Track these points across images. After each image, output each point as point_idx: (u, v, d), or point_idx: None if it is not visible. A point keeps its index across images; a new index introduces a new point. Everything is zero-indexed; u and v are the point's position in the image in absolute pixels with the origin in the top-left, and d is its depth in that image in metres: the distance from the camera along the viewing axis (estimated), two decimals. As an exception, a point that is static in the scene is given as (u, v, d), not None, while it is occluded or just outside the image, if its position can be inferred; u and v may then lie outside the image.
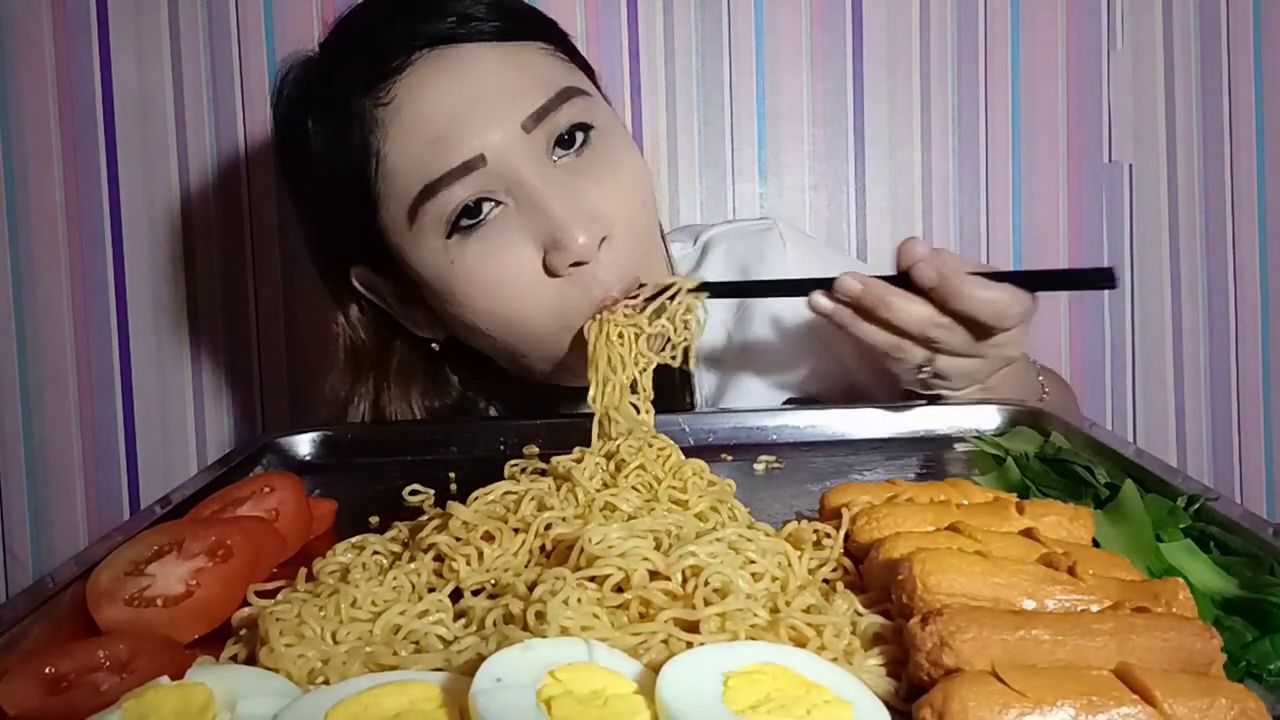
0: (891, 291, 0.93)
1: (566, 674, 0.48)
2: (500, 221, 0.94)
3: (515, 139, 0.93)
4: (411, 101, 0.94)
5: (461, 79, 0.94)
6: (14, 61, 1.56)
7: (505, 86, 0.94)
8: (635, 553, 0.60)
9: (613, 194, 0.97)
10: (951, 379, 0.98)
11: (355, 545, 0.71)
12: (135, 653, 0.56)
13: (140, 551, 0.66)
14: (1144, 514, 0.71)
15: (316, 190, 1.04)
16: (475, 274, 0.95)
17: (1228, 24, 1.64)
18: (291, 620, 0.57)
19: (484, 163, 0.92)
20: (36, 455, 1.62)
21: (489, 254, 0.95)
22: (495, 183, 0.93)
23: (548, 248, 0.93)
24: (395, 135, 0.94)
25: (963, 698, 0.46)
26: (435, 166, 0.93)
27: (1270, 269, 1.68)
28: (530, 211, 0.93)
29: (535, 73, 0.97)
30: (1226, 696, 0.47)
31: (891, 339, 0.95)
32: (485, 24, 0.96)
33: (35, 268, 1.59)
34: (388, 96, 0.94)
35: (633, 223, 0.98)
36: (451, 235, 0.95)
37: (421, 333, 1.09)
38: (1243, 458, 1.70)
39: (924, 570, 0.55)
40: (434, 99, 0.93)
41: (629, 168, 1.00)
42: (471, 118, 0.93)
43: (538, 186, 0.93)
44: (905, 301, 0.93)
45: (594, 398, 0.94)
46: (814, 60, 1.61)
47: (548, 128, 0.95)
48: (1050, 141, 1.63)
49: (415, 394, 1.13)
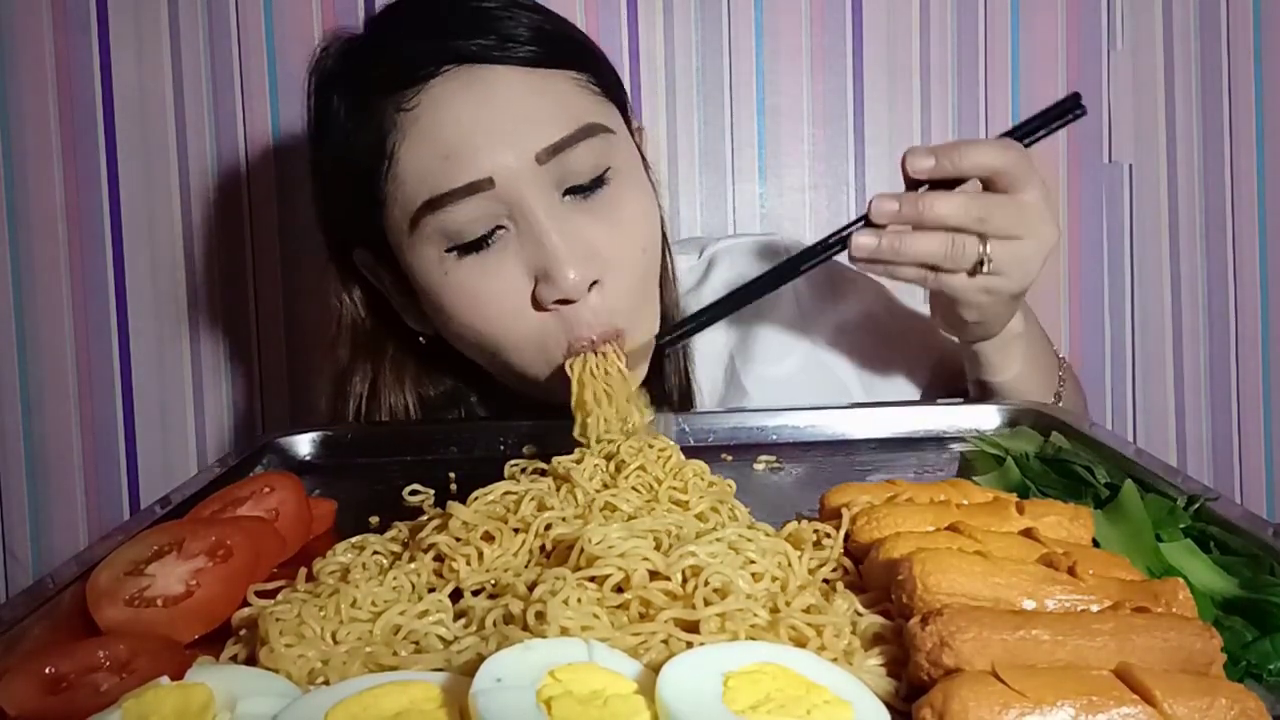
0: (924, 193, 0.94)
1: (566, 674, 0.48)
2: (500, 245, 0.95)
3: (527, 167, 0.93)
4: (431, 113, 0.94)
5: (484, 101, 0.94)
6: (14, 61, 1.56)
7: (526, 114, 0.94)
8: (635, 553, 0.60)
9: (614, 237, 0.97)
10: (1008, 272, 0.95)
11: (355, 545, 0.71)
12: (135, 653, 0.56)
13: (140, 551, 0.66)
14: (1144, 514, 0.71)
15: (329, 170, 1.06)
16: (465, 290, 0.96)
17: (1228, 24, 1.64)
18: (291, 620, 0.57)
19: (491, 185, 0.92)
20: (36, 455, 1.61)
21: (482, 274, 0.95)
22: (500, 207, 0.93)
23: (539, 278, 0.94)
24: (410, 143, 0.95)
25: (963, 698, 0.46)
26: (443, 181, 0.93)
27: (1270, 269, 1.68)
28: (529, 239, 0.94)
29: (560, 104, 0.96)
30: (1226, 696, 0.47)
31: (944, 240, 0.93)
32: (521, 48, 0.96)
33: (35, 268, 1.59)
34: (410, 103, 0.95)
35: (629, 269, 0.98)
36: (451, 250, 0.95)
37: (414, 324, 1.10)
38: (1243, 458, 1.70)
39: (924, 570, 0.55)
40: (453, 115, 0.94)
41: (636, 211, 1.00)
42: (487, 140, 0.93)
43: (540, 218, 0.93)
44: (940, 194, 0.93)
45: (577, 433, 0.93)
46: (814, 60, 1.61)
47: (562, 163, 0.94)
48: (1050, 141, 1.62)
49: (409, 380, 1.13)
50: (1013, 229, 0.93)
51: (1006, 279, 0.95)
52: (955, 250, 0.93)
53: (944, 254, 0.93)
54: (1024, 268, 0.96)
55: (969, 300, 0.97)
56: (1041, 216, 0.94)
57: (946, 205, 0.93)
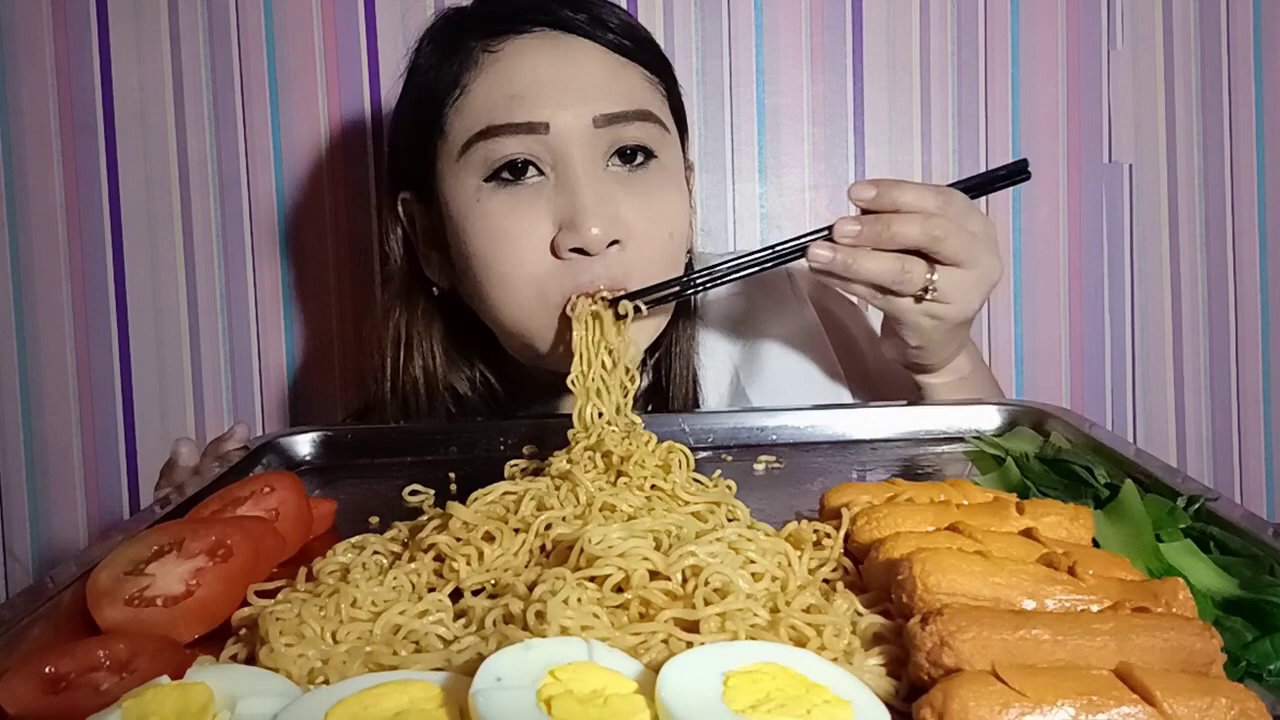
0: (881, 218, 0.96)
1: (566, 674, 0.48)
2: (535, 189, 1.01)
3: (582, 126, 1.00)
4: (512, 58, 1.03)
5: (563, 60, 1.03)
6: (14, 61, 1.56)
7: (596, 83, 1.02)
8: (635, 553, 0.60)
9: (643, 213, 1.02)
10: (951, 299, 0.98)
11: (355, 545, 0.71)
12: (135, 653, 0.56)
13: (140, 551, 0.66)
14: (1144, 514, 0.71)
15: (402, 104, 1.15)
16: (491, 220, 1.01)
17: (1228, 24, 1.64)
18: (291, 620, 0.57)
19: (545, 130, 0.99)
20: (36, 455, 1.61)
21: (511, 209, 1.01)
22: (547, 153, 1.00)
23: (563, 225, 0.99)
24: (484, 79, 1.03)
25: (963, 698, 0.46)
26: (503, 115, 1.00)
27: (1270, 269, 1.67)
28: (563, 189, 1.00)
29: (628, 87, 1.05)
30: (1226, 696, 0.47)
31: (894, 262, 0.96)
32: (608, 33, 1.05)
33: (35, 268, 1.59)
34: (496, 46, 1.04)
35: (652, 244, 1.03)
36: (489, 180, 1.01)
37: (431, 275, 1.15)
38: (1243, 458, 1.70)
39: (924, 570, 0.55)
40: (531, 64, 1.02)
41: (671, 201, 1.06)
42: (553, 93, 1.00)
43: (578, 172, 0.99)
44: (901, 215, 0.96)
45: (573, 380, 0.95)
46: (814, 60, 1.60)
47: (614, 133, 1.01)
48: (1050, 141, 1.63)
49: (437, 332, 1.17)
50: (960, 256, 0.97)
51: (948, 306, 0.99)
52: (904, 273, 0.96)
53: (891, 276, 0.97)
54: (966, 296, 0.99)
55: (911, 323, 1.01)
56: (986, 248, 0.99)
57: (905, 225, 0.95)
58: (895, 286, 0.97)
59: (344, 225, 1.59)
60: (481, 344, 1.17)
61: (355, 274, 1.60)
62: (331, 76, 1.57)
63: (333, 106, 1.58)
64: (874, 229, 0.96)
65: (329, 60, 1.57)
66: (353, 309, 1.60)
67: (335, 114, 1.58)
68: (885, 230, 0.96)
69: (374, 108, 1.58)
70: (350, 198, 1.59)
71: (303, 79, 1.57)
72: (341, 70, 1.57)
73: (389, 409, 1.16)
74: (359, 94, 1.58)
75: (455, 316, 1.16)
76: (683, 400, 1.18)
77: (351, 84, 1.57)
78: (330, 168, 1.58)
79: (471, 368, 1.19)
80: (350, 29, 1.57)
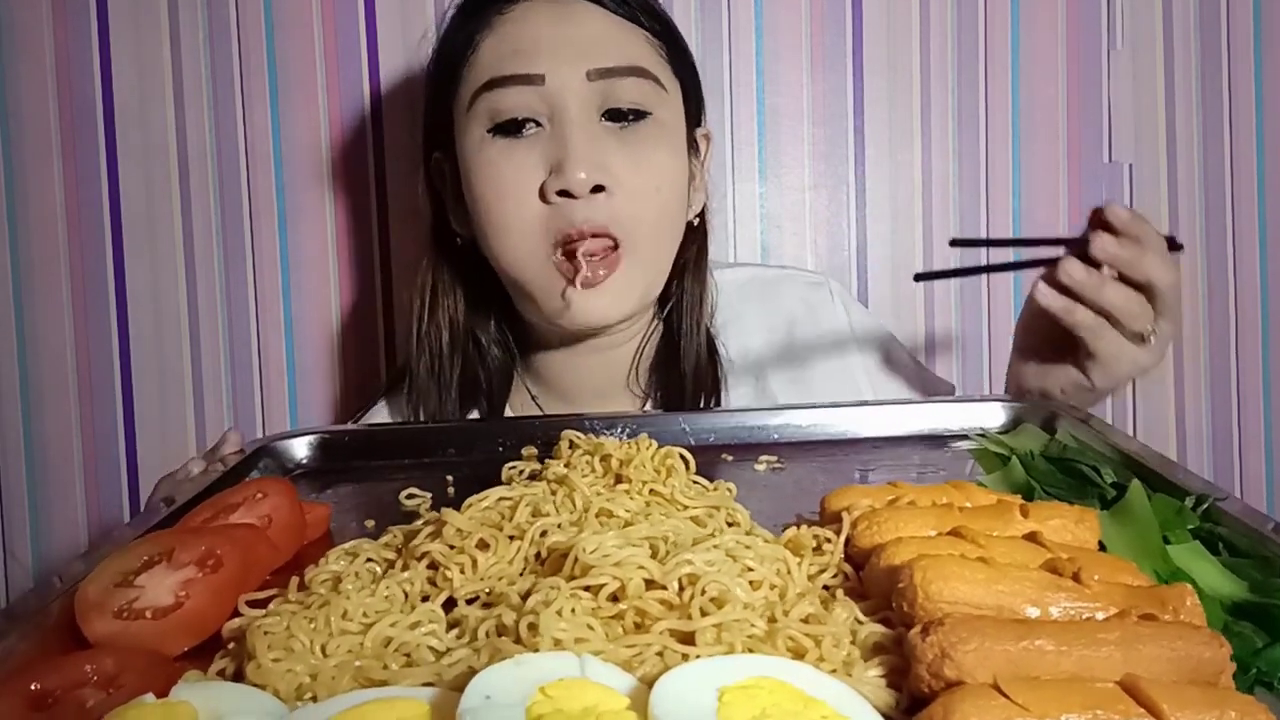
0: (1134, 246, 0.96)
1: (557, 690, 0.47)
2: (531, 138, 1.07)
3: (576, 79, 1.06)
4: (519, 19, 1.10)
5: (564, 20, 1.09)
6: (14, 61, 1.56)
7: (593, 39, 1.08)
8: (631, 561, 0.59)
9: (632, 166, 1.07)
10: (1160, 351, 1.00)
11: (349, 552, 0.70)
12: (122, 668, 0.55)
13: (129, 562, 0.65)
14: (1151, 515, 0.70)
15: (430, 66, 1.22)
16: (491, 168, 1.08)
17: (1228, 24, 1.63)
18: (280, 634, 0.56)
19: (541, 82, 1.06)
20: (36, 455, 1.61)
21: (508, 158, 1.07)
22: (543, 105, 1.06)
23: (552, 170, 1.05)
24: (493, 37, 1.10)
25: (964, 712, 0.45)
26: (504, 67, 1.07)
27: (1270, 268, 1.66)
28: (556, 138, 1.06)
29: (626, 45, 1.10)
30: (1236, 709, 0.46)
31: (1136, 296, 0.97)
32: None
33: (35, 268, 1.58)
34: (507, 10, 1.11)
35: (638, 194, 1.07)
36: (491, 131, 1.08)
37: (456, 226, 1.20)
38: (1243, 458, 1.69)
39: (925, 578, 0.54)
40: (535, 23, 1.09)
41: (663, 159, 1.10)
42: (551, 48, 1.07)
43: (570, 120, 1.06)
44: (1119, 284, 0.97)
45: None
46: (814, 60, 1.59)
47: (608, 88, 1.07)
48: (1050, 141, 1.62)
49: (460, 282, 1.22)
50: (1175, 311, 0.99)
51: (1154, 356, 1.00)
52: (1141, 310, 0.98)
53: (1129, 310, 0.97)
54: (1164, 352, 1.02)
55: (1112, 361, 1.01)
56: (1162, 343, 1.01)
57: (1155, 260, 0.96)
58: (1126, 321, 0.98)
59: (344, 225, 1.59)
60: (501, 298, 1.21)
61: (355, 274, 1.59)
62: (331, 76, 1.56)
63: (333, 106, 1.57)
64: (1131, 253, 0.96)
65: (329, 60, 1.56)
66: (353, 309, 1.60)
67: (335, 114, 1.57)
68: (1139, 260, 0.96)
69: (374, 108, 1.57)
70: (350, 198, 1.58)
71: (303, 79, 1.56)
72: (341, 70, 1.56)
73: (415, 366, 1.19)
74: (359, 94, 1.57)
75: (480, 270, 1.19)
76: (694, 358, 1.19)
77: (351, 84, 1.57)
78: (330, 168, 1.58)
79: (489, 318, 1.23)
80: (350, 29, 1.56)
